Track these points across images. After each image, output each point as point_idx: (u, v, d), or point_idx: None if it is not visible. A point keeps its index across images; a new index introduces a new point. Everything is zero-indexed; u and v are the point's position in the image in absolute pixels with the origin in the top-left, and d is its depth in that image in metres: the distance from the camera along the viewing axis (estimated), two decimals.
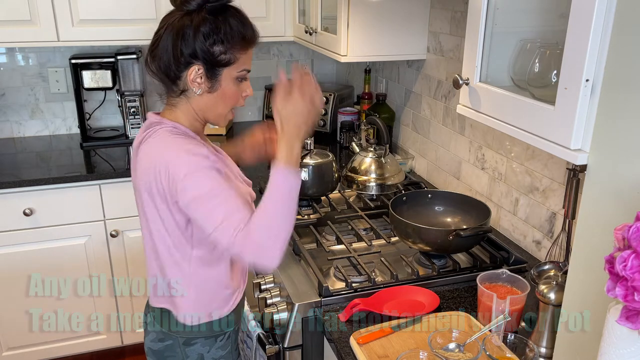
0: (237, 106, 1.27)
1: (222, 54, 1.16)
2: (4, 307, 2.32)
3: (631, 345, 0.75)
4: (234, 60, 1.18)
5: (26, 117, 2.71)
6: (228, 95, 1.22)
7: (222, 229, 1.12)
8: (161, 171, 1.14)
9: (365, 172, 1.96)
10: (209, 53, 1.16)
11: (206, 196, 1.12)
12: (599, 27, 0.83)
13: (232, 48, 1.17)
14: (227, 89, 1.21)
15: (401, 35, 2.08)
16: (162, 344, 1.34)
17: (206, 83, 1.19)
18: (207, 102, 1.22)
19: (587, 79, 0.85)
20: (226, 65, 1.18)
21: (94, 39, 2.36)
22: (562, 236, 1.34)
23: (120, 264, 2.42)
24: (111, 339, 2.54)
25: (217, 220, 1.12)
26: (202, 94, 1.21)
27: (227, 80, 1.20)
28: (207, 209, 1.12)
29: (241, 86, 1.24)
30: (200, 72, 1.17)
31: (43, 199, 2.23)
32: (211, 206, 1.12)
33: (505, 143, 1.72)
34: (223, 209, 1.12)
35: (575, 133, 0.89)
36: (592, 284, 0.89)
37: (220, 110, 1.24)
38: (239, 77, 1.21)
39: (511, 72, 1.16)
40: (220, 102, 1.22)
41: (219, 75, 1.19)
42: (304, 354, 1.42)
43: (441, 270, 1.52)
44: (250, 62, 1.23)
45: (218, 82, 1.20)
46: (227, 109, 1.25)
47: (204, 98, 1.21)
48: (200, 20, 1.15)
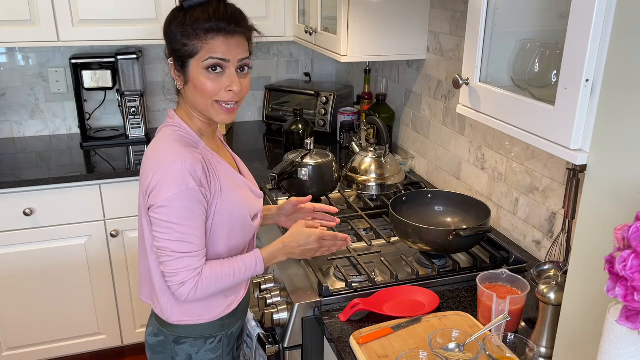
0: (225, 100, 1.22)
1: (184, 46, 1.18)
2: (4, 307, 2.33)
3: (631, 345, 0.75)
4: (197, 49, 1.18)
5: (26, 117, 2.71)
6: (199, 86, 1.20)
7: (170, 261, 1.19)
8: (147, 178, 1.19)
9: (365, 172, 1.96)
10: (174, 44, 1.20)
11: (175, 226, 1.17)
12: (598, 27, 0.83)
13: (194, 38, 1.17)
14: (196, 80, 1.20)
15: (401, 35, 2.08)
16: (156, 338, 1.36)
17: (180, 76, 1.22)
18: (189, 95, 1.24)
19: (587, 79, 0.85)
20: (190, 56, 1.19)
21: (94, 39, 2.36)
22: (562, 236, 1.34)
23: (120, 264, 2.42)
24: (111, 339, 2.54)
25: (170, 250, 1.18)
26: (183, 88, 1.24)
27: (195, 71, 1.19)
28: (169, 237, 1.18)
29: (220, 79, 1.20)
30: (173, 65, 1.22)
31: (43, 199, 2.23)
32: (173, 236, 1.18)
33: (505, 143, 1.72)
34: (182, 246, 1.18)
35: (575, 133, 0.89)
36: (592, 284, 0.89)
37: (200, 103, 1.22)
38: (208, 66, 1.18)
39: (511, 72, 1.16)
40: (196, 94, 1.21)
41: (188, 67, 1.20)
42: (304, 354, 1.42)
43: (441, 270, 1.52)
44: (224, 52, 1.18)
45: (188, 73, 1.20)
46: (206, 101, 1.22)
47: (186, 92, 1.24)
48: (170, 16, 1.22)
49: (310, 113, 2.76)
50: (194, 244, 1.19)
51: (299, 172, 1.91)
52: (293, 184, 1.94)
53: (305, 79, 3.10)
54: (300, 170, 1.91)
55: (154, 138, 1.27)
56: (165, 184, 1.15)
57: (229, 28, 1.18)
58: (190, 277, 1.19)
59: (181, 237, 1.18)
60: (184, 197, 1.15)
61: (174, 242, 1.18)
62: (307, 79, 3.09)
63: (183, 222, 1.17)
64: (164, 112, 2.90)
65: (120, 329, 2.53)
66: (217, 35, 1.18)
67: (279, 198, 2.03)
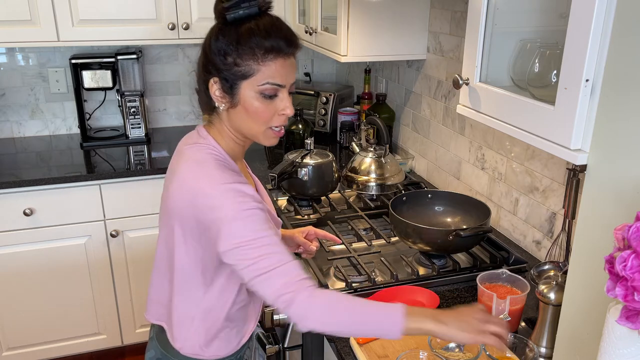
0: (272, 124, 1.12)
1: (236, 65, 1.06)
2: (4, 307, 2.33)
3: (631, 345, 0.75)
4: (252, 72, 1.06)
5: (26, 117, 2.71)
6: (251, 111, 1.09)
7: (267, 279, 1.02)
8: (204, 210, 1.06)
9: (365, 172, 1.96)
10: (223, 64, 1.07)
11: (254, 243, 1.03)
12: (598, 27, 0.83)
13: (250, 58, 1.06)
14: (248, 104, 1.09)
15: (401, 35, 2.08)
16: None
17: (226, 97, 1.10)
18: (234, 119, 1.12)
19: (587, 79, 0.85)
20: (243, 77, 1.07)
21: (94, 39, 2.36)
22: (562, 236, 1.34)
23: (120, 263, 2.42)
24: (111, 339, 2.54)
25: (261, 270, 1.02)
26: (228, 110, 1.12)
27: (247, 94, 1.08)
28: (252, 257, 1.03)
29: (274, 103, 1.10)
30: (218, 85, 1.10)
31: (43, 199, 2.23)
32: (257, 255, 1.03)
33: (505, 143, 1.72)
34: (272, 259, 1.03)
35: (575, 133, 0.89)
36: (592, 284, 0.89)
37: (251, 128, 1.12)
38: (263, 91, 1.08)
39: (511, 72, 1.16)
40: (247, 119, 1.11)
41: (237, 89, 1.08)
42: (304, 354, 1.42)
43: (441, 270, 1.52)
44: (282, 76, 1.08)
45: (237, 96, 1.09)
46: (259, 127, 1.12)
47: (231, 114, 1.12)
48: (216, 29, 1.09)
49: (310, 113, 2.76)
50: (280, 252, 1.04)
51: (299, 172, 1.91)
52: (293, 184, 1.94)
53: (305, 79, 3.10)
54: (300, 170, 1.91)
55: (185, 158, 1.12)
56: (228, 224, 1.03)
57: (287, 50, 1.08)
58: (293, 290, 1.01)
59: (263, 251, 1.03)
60: (249, 220, 1.05)
61: (258, 259, 1.03)
62: (307, 79, 3.09)
63: (259, 235, 1.04)
64: (164, 112, 2.90)
65: (120, 329, 2.53)
66: (276, 58, 1.07)
67: (279, 198, 2.03)
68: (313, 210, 1.91)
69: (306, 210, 1.93)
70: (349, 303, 1.02)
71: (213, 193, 1.05)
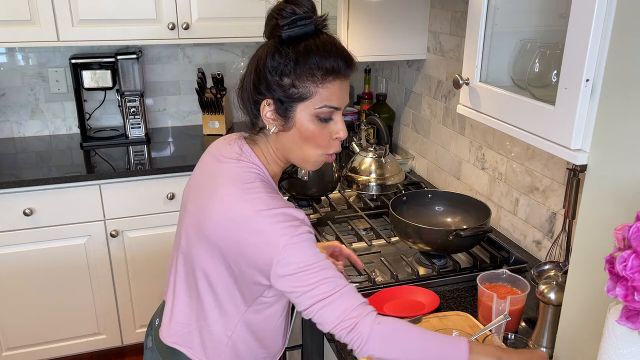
0: (329, 151, 1.08)
1: (293, 87, 1.01)
2: (4, 307, 2.32)
3: (631, 345, 0.75)
4: (309, 94, 1.01)
5: (26, 117, 2.71)
6: (306, 135, 1.04)
7: (328, 304, 0.98)
8: (252, 235, 1.00)
9: (366, 172, 1.96)
10: (278, 85, 1.02)
11: (312, 268, 0.99)
12: (599, 27, 0.83)
13: (308, 80, 1.01)
14: (303, 128, 1.03)
15: (401, 35, 2.08)
16: None
17: (279, 120, 1.04)
18: (285, 142, 1.07)
19: (587, 79, 0.85)
20: (299, 100, 1.02)
21: (94, 39, 2.36)
22: (562, 236, 1.34)
23: (120, 263, 2.42)
24: (111, 339, 2.53)
25: (321, 296, 0.98)
26: (278, 133, 1.06)
27: (303, 117, 1.03)
28: (311, 283, 0.98)
29: (328, 126, 1.05)
30: (271, 107, 1.04)
31: (43, 199, 2.23)
32: (316, 280, 0.98)
33: (505, 143, 1.72)
34: (331, 284, 0.99)
35: (576, 133, 0.89)
36: (592, 284, 0.89)
37: (305, 152, 1.07)
38: (319, 114, 1.03)
39: (511, 72, 1.16)
40: (300, 143, 1.06)
41: (292, 112, 1.03)
42: (304, 354, 1.42)
43: (441, 270, 1.52)
44: (339, 98, 1.04)
45: (292, 119, 1.04)
46: (313, 152, 1.07)
47: (281, 137, 1.07)
48: (270, 49, 1.03)
49: None
50: (337, 276, 1.00)
51: (299, 172, 1.91)
52: (293, 184, 1.94)
53: None
54: (300, 170, 1.91)
55: (227, 175, 1.06)
56: (283, 251, 0.98)
57: (346, 72, 1.03)
58: (355, 315, 0.98)
59: (321, 276, 0.99)
60: (304, 245, 1.00)
61: (317, 284, 0.98)
62: None
63: (314, 260, 0.99)
64: (164, 112, 2.89)
65: (120, 329, 2.53)
66: (335, 80, 1.02)
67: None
68: (313, 210, 1.91)
69: (306, 210, 1.93)
70: (412, 334, 0.99)
71: (262, 220, 1.00)
